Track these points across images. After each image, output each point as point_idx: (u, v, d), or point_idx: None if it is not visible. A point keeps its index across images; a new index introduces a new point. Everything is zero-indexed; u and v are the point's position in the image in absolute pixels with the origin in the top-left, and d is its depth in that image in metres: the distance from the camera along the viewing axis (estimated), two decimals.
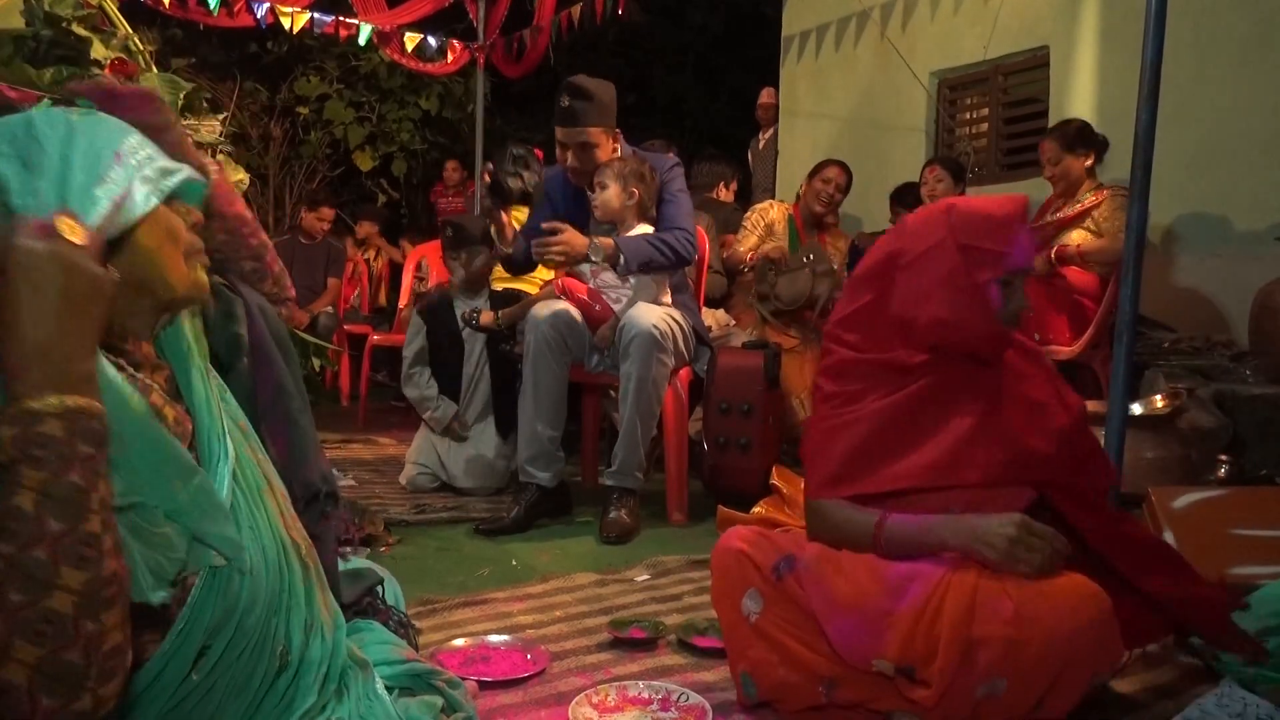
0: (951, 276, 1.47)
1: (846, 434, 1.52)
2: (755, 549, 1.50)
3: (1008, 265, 1.46)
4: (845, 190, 4.17)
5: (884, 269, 1.56)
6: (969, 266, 1.46)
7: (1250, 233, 3.88)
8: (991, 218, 1.49)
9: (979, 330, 1.48)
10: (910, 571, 1.38)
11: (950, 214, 1.51)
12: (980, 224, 1.48)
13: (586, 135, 2.86)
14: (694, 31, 10.24)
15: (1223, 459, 2.87)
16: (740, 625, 1.49)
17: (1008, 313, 1.49)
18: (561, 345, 2.82)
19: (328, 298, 5.27)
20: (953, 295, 1.47)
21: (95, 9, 2.34)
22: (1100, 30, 4.56)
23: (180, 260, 1.00)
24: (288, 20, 5.31)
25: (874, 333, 1.56)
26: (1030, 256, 1.50)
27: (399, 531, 2.69)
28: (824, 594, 1.41)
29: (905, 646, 1.33)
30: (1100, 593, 1.31)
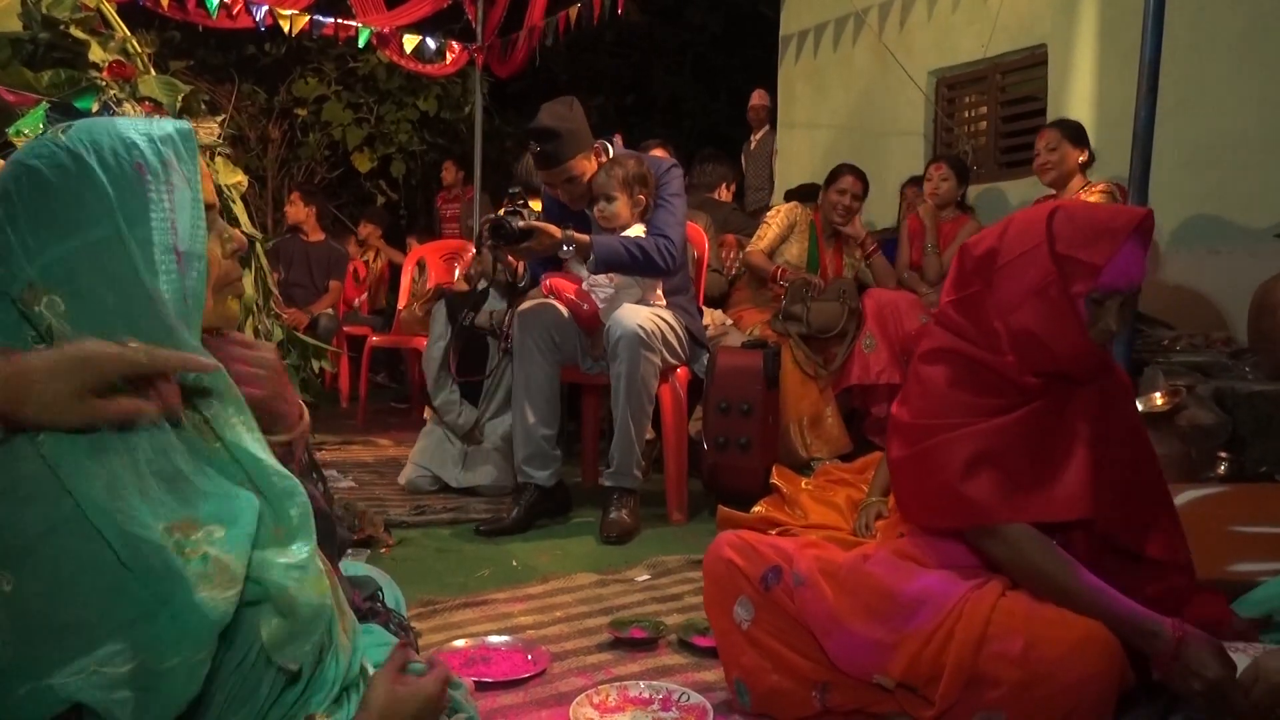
0: (1044, 286, 1.37)
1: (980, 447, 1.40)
2: (744, 558, 1.50)
3: (1102, 282, 1.35)
4: (862, 198, 4.12)
5: (985, 265, 1.46)
6: (1063, 277, 1.36)
7: (1249, 230, 3.88)
8: (1095, 227, 1.37)
9: (1068, 348, 1.37)
10: (922, 593, 1.37)
11: (1053, 218, 1.40)
12: (1081, 232, 1.37)
13: (569, 171, 2.83)
14: (692, 31, 10.24)
15: (1222, 456, 2.87)
16: (732, 633, 1.49)
17: (1099, 333, 1.39)
18: (550, 343, 2.82)
19: (328, 299, 5.27)
20: (1043, 307, 1.37)
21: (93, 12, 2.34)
22: (1098, 28, 4.57)
23: (208, 293, 0.96)
24: (286, 22, 5.31)
25: (980, 325, 1.46)
26: (1130, 278, 1.36)
27: (399, 533, 2.69)
28: (825, 611, 1.40)
29: (910, 667, 1.32)
30: (1113, 642, 1.26)
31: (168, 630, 0.82)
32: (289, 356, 2.57)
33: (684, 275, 3.02)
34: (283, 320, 2.60)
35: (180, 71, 6.45)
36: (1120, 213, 1.39)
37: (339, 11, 5.65)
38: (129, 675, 0.80)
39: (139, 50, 2.46)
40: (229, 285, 1.02)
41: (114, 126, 0.91)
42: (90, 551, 0.81)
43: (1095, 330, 1.38)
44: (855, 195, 4.05)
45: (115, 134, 0.90)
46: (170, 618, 0.82)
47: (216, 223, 1.00)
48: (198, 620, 0.84)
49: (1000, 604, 1.33)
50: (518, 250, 2.68)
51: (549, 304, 2.86)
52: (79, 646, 0.80)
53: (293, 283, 5.14)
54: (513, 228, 2.63)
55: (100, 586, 0.81)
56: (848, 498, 2.54)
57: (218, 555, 0.87)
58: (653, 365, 2.73)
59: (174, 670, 0.82)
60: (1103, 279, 1.35)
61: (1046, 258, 1.37)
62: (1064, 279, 1.36)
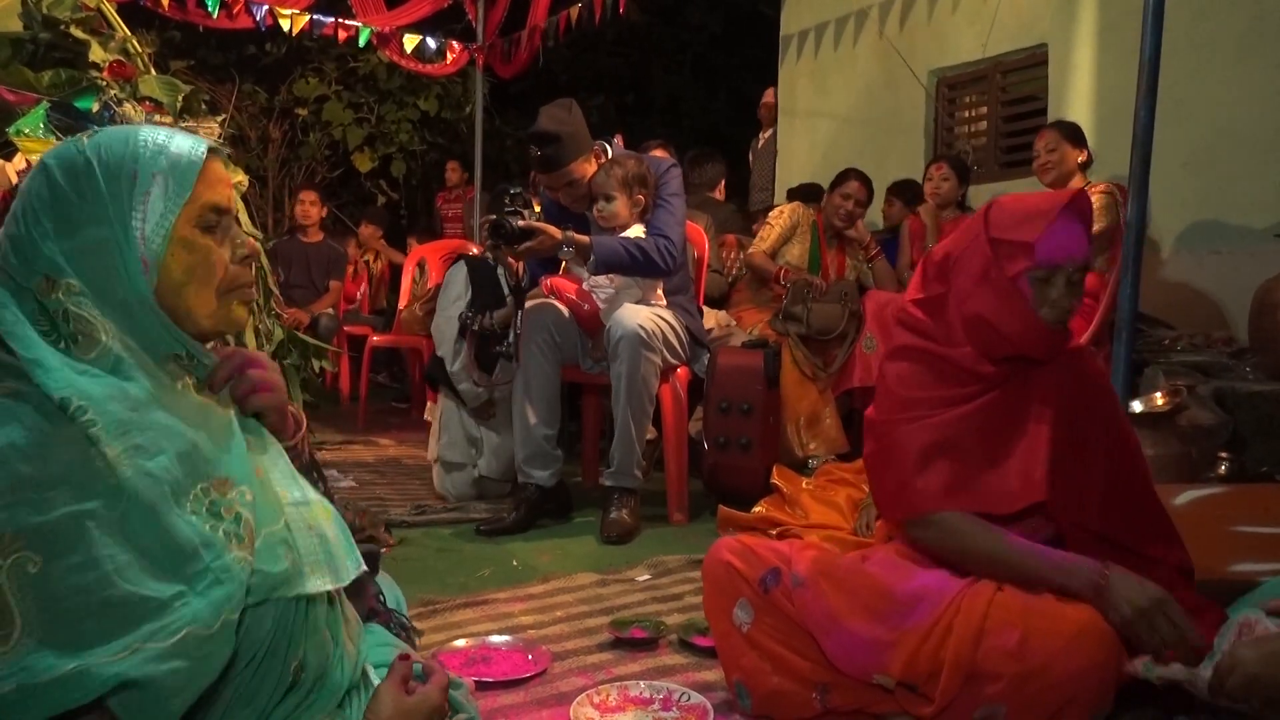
0: (985, 272, 1.44)
1: (935, 438, 1.46)
2: (742, 561, 1.50)
3: (1037, 258, 1.41)
4: (866, 204, 4.12)
5: (943, 268, 1.53)
6: (999, 260, 1.43)
7: (1249, 229, 3.88)
8: (1026, 210, 1.44)
9: (1015, 327, 1.43)
10: (919, 591, 1.37)
11: (990, 209, 1.48)
12: (1013, 216, 1.45)
13: (570, 174, 2.83)
14: (692, 31, 10.24)
15: (1223, 456, 2.87)
16: (732, 635, 1.49)
17: (1045, 311, 1.42)
18: (551, 343, 2.81)
19: (329, 299, 5.27)
20: (988, 291, 1.44)
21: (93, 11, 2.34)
22: (1098, 28, 4.56)
23: (209, 296, 0.99)
24: (287, 22, 5.31)
25: (941, 323, 1.52)
26: (1066, 251, 1.41)
27: (399, 533, 2.69)
28: (824, 611, 1.40)
29: (909, 665, 1.32)
30: (1109, 632, 1.28)
31: (207, 596, 0.86)
32: (289, 357, 2.57)
33: (684, 275, 3.02)
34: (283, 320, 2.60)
35: (181, 71, 6.45)
36: (1052, 195, 1.46)
37: (339, 11, 5.65)
38: (177, 646, 0.83)
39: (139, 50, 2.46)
40: (235, 290, 1.02)
41: (132, 134, 0.97)
42: (125, 529, 0.84)
43: (1045, 308, 1.42)
44: (859, 201, 4.05)
45: (127, 139, 0.96)
46: (207, 586, 0.87)
47: (231, 228, 1.02)
48: (231, 580, 0.88)
49: (996, 598, 1.34)
50: (518, 251, 2.68)
51: (550, 304, 2.86)
52: (118, 625, 0.81)
53: (293, 284, 5.13)
54: (513, 228, 2.63)
55: (131, 565, 0.83)
56: (848, 497, 2.54)
57: (248, 517, 0.93)
58: (653, 365, 2.73)
59: (217, 635, 0.86)
60: (1039, 255, 1.41)
61: (985, 245, 1.45)
62: (1001, 261, 1.43)
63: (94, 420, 0.85)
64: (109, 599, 0.81)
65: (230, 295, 1.02)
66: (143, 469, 0.86)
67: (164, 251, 0.95)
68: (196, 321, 0.99)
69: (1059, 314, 1.43)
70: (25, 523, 0.80)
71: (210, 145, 1.01)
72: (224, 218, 1.01)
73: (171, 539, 0.86)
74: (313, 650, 0.99)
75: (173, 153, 0.97)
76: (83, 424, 0.84)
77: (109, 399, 0.88)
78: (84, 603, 0.81)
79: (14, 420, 0.84)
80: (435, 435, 3.26)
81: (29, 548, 0.80)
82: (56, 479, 0.83)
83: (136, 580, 0.83)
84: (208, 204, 0.98)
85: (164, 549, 0.86)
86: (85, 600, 0.81)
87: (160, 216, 0.95)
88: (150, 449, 0.88)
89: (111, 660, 0.80)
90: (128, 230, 0.93)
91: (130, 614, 0.82)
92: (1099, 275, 3.45)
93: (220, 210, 1.00)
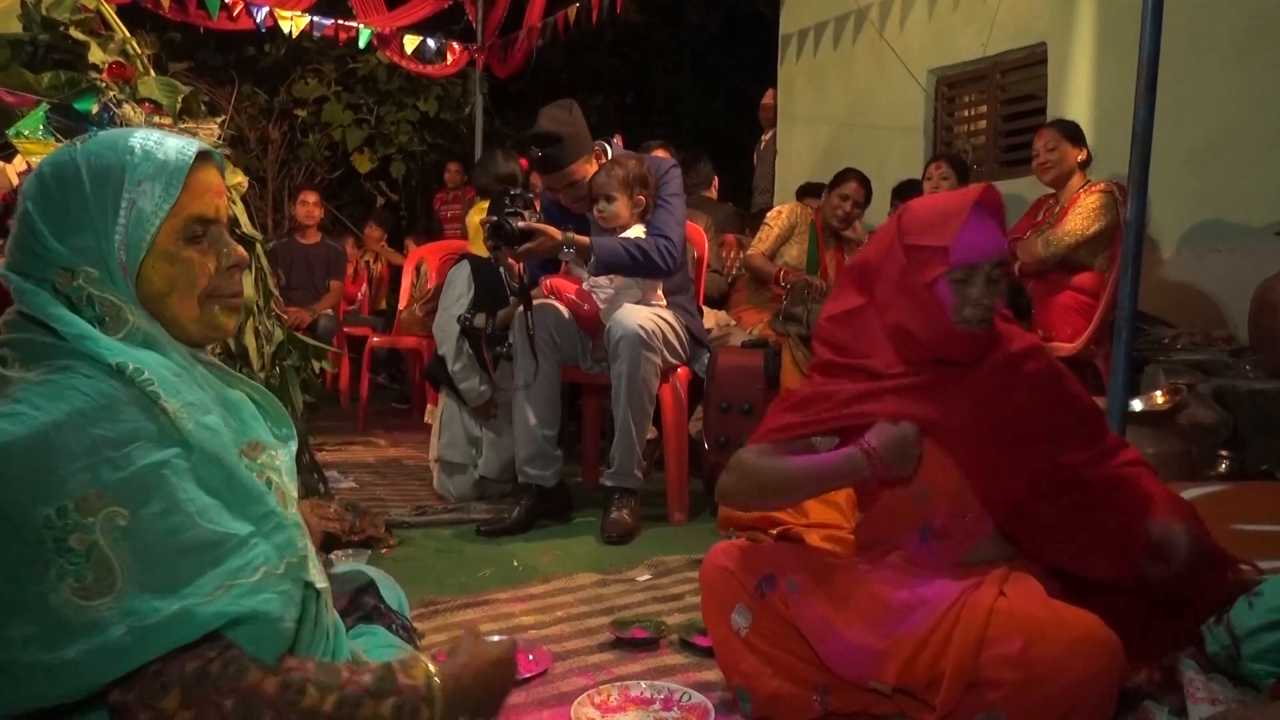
0: (901, 279, 1.44)
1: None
2: (739, 566, 1.50)
3: (952, 260, 1.39)
4: (864, 205, 4.12)
5: (859, 276, 1.53)
6: (913, 267, 1.43)
7: (1249, 228, 3.88)
8: (935, 213, 1.43)
9: (931, 334, 1.42)
10: (914, 600, 1.37)
11: (902, 215, 1.48)
12: (924, 222, 1.44)
13: (570, 175, 2.83)
14: (691, 31, 10.24)
15: (1223, 454, 2.87)
16: (731, 639, 1.49)
17: (967, 312, 1.41)
18: (551, 344, 2.81)
19: (329, 300, 5.27)
20: (906, 299, 1.44)
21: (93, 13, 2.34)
22: (1097, 27, 4.57)
23: (192, 304, 1.00)
24: (287, 23, 5.31)
25: (860, 337, 1.52)
26: (981, 250, 1.40)
27: (400, 533, 2.69)
28: (818, 617, 1.40)
29: (904, 673, 1.32)
30: (1112, 640, 1.27)
31: (271, 539, 0.94)
32: (290, 357, 2.57)
33: (684, 275, 3.02)
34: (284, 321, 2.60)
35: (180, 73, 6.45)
36: (962, 194, 1.44)
37: (339, 12, 5.65)
38: (260, 582, 0.90)
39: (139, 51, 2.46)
40: (218, 298, 1.03)
41: (122, 141, 0.98)
42: (197, 476, 0.92)
43: (967, 309, 1.41)
44: (857, 202, 4.05)
45: (115, 146, 0.98)
46: (271, 530, 0.95)
47: (220, 236, 1.03)
48: (290, 527, 0.97)
49: (998, 605, 1.33)
50: (518, 252, 2.68)
51: (550, 304, 2.86)
52: (208, 562, 0.88)
53: (293, 285, 5.14)
54: (512, 228, 2.63)
55: (210, 507, 0.91)
56: (848, 497, 2.53)
57: (279, 481, 1.02)
58: (653, 365, 2.73)
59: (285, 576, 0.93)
60: (954, 258, 1.40)
61: (900, 253, 1.45)
62: (917, 267, 1.42)
63: (150, 379, 0.91)
64: (194, 539, 0.88)
65: (214, 302, 1.03)
66: (202, 423, 0.93)
67: (144, 262, 0.96)
68: (182, 327, 1.00)
69: (981, 313, 1.42)
70: (108, 480, 0.86)
71: (203, 150, 1.02)
72: (211, 227, 1.02)
73: (239, 484, 0.94)
74: (305, 629, 1.01)
75: (158, 161, 0.97)
76: (141, 383, 0.90)
77: (158, 364, 0.94)
78: (174, 544, 0.87)
79: (75, 390, 0.88)
80: (436, 435, 3.26)
81: (116, 503, 0.85)
82: (129, 436, 0.88)
83: (216, 519, 0.90)
84: (192, 216, 0.99)
85: (234, 493, 0.93)
86: (174, 542, 0.87)
87: (140, 228, 0.96)
88: (202, 406, 0.95)
89: (209, 598, 0.87)
90: (110, 239, 0.95)
91: (216, 552, 0.89)
92: (1098, 274, 3.45)
93: (206, 221, 1.01)
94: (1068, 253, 3.37)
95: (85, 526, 0.84)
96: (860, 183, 4.05)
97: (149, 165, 0.97)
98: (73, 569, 0.83)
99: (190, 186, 0.99)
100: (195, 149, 1.00)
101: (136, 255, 0.96)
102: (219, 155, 1.06)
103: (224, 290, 1.03)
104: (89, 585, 0.83)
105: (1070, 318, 3.44)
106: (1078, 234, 3.34)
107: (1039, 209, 3.67)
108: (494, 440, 3.15)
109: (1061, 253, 3.37)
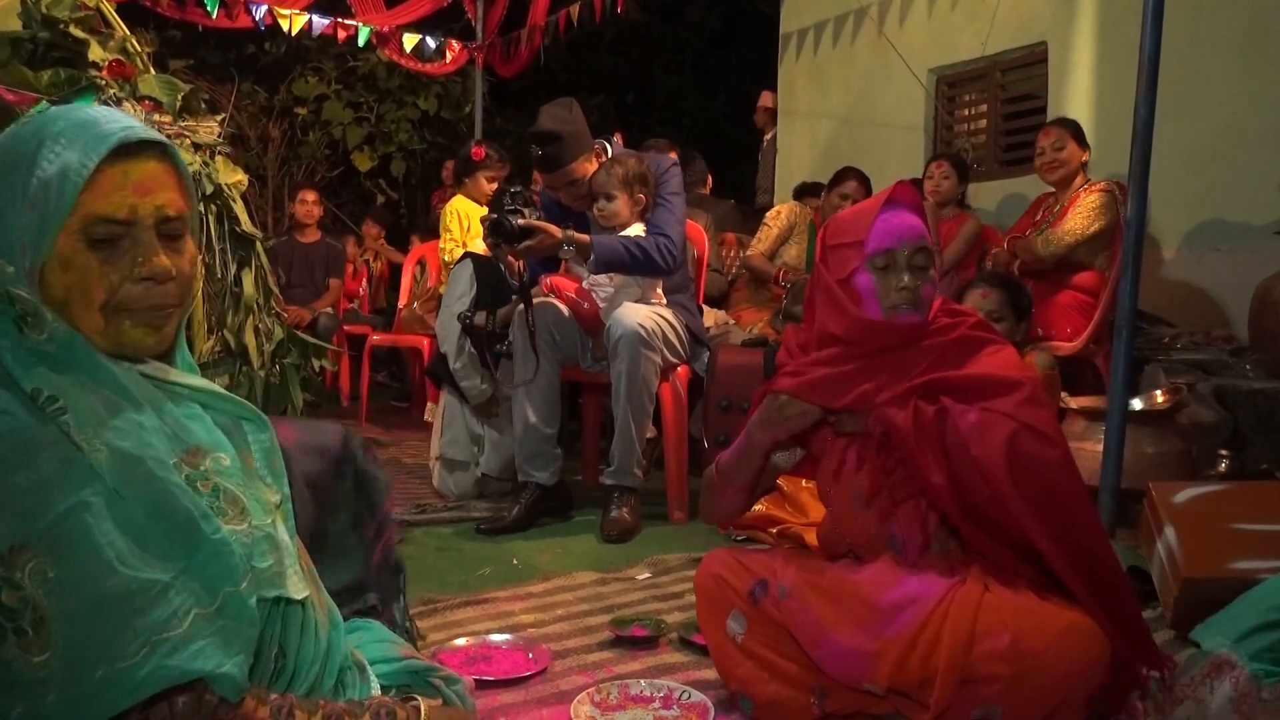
0: (821, 284, 1.51)
1: None
2: (731, 573, 1.52)
3: (868, 249, 1.44)
4: None
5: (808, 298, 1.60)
6: (830, 269, 1.49)
7: (1249, 227, 3.88)
8: (851, 215, 1.50)
9: (847, 327, 1.47)
10: (902, 599, 1.37)
11: (825, 227, 1.54)
12: (839, 224, 1.51)
13: (571, 174, 2.84)
14: (692, 29, 10.24)
15: (1223, 454, 2.87)
16: (727, 646, 1.50)
17: (893, 298, 1.44)
18: (551, 342, 2.81)
19: (329, 298, 5.27)
20: (825, 300, 1.50)
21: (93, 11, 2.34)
22: (1098, 26, 4.56)
23: (93, 316, 0.89)
24: (286, 22, 5.31)
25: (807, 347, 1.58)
26: (896, 234, 1.44)
27: (400, 531, 2.68)
28: (809, 621, 1.40)
29: (896, 673, 1.32)
30: (1100, 633, 1.28)
31: (203, 574, 0.85)
32: (289, 355, 2.57)
33: (684, 273, 3.02)
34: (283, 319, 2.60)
35: (180, 70, 6.45)
36: (874, 196, 1.51)
37: (339, 10, 5.64)
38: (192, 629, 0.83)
39: (139, 49, 2.46)
40: (128, 312, 0.91)
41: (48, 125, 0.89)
42: (117, 517, 0.83)
43: (893, 295, 1.44)
44: (857, 201, 4.04)
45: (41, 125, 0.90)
46: (201, 563, 0.86)
47: (139, 243, 0.91)
48: (227, 553, 0.87)
49: (985, 600, 1.33)
50: (518, 250, 2.68)
51: (550, 303, 2.86)
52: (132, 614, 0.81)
53: (293, 284, 5.14)
54: (512, 226, 2.63)
55: (129, 551, 0.82)
56: None
57: (227, 487, 0.91)
58: (653, 364, 2.73)
59: (224, 610, 0.86)
60: (869, 247, 1.45)
61: (820, 259, 1.52)
62: (835, 267, 1.49)
63: (62, 408, 0.84)
64: (115, 589, 0.81)
65: (123, 316, 0.91)
66: (119, 451, 0.85)
67: (45, 265, 0.87)
68: (93, 339, 0.90)
69: (906, 298, 1.44)
70: (29, 531, 0.79)
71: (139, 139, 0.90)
72: (130, 230, 0.90)
73: (165, 513, 0.85)
74: (293, 634, 0.99)
75: (66, 151, 0.87)
76: (53, 413, 0.83)
77: (74, 385, 0.86)
78: (95, 596, 0.80)
79: None
80: (437, 433, 3.26)
81: (41, 554, 0.79)
82: (47, 480, 0.81)
83: (136, 564, 0.82)
84: (94, 216, 0.88)
85: (159, 525, 0.84)
86: (96, 593, 0.80)
87: (41, 226, 0.86)
88: (122, 429, 0.86)
89: (135, 660, 0.80)
90: (14, 235, 0.87)
91: (138, 602, 0.81)
92: (1098, 273, 3.45)
93: (114, 222, 0.89)
94: (1067, 252, 3.37)
95: (14, 582, 0.78)
96: (860, 182, 4.05)
97: (54, 153, 0.86)
98: (11, 625, 0.78)
99: (98, 183, 0.87)
100: (117, 137, 0.88)
101: (36, 257, 0.86)
102: (172, 146, 0.94)
103: (135, 304, 0.90)
104: (32, 641, 0.78)
105: (1070, 317, 3.44)
106: (1078, 233, 3.34)
107: (1038, 207, 3.67)
108: (496, 439, 3.15)
109: (1061, 252, 3.36)
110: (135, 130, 0.90)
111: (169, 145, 0.93)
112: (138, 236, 0.90)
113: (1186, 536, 1.85)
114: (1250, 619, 1.58)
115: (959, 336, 1.48)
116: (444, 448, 3.20)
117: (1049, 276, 3.46)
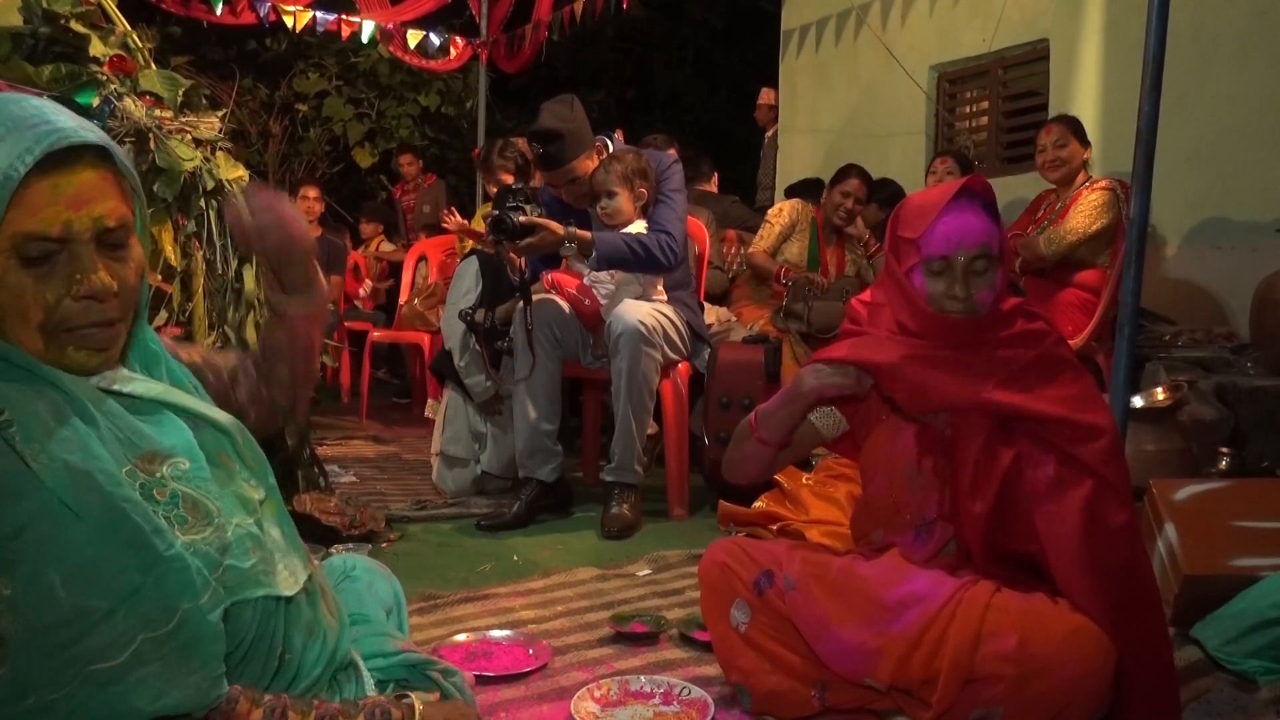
0: (889, 271, 1.51)
1: None
2: (737, 563, 1.51)
3: (923, 253, 1.42)
4: (866, 201, 4.12)
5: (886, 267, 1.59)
6: (894, 258, 1.48)
7: (1252, 225, 3.87)
8: (919, 205, 1.47)
9: (909, 320, 1.46)
10: (908, 596, 1.36)
11: (898, 208, 1.52)
12: (905, 215, 1.48)
13: (572, 172, 2.83)
14: (693, 26, 10.22)
15: (1224, 451, 2.87)
16: (730, 636, 1.50)
17: (948, 303, 1.42)
18: (552, 339, 2.81)
19: (329, 294, 5.26)
20: (895, 290, 1.50)
21: (94, 6, 2.33)
22: (1101, 23, 4.55)
23: (32, 336, 0.84)
24: (290, 18, 5.30)
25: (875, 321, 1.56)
26: (953, 242, 1.40)
27: (400, 528, 2.69)
28: (814, 614, 1.40)
29: (898, 671, 1.32)
30: (1106, 641, 1.27)
31: (160, 590, 0.81)
32: None
33: (685, 270, 3.02)
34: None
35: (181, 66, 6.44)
36: (945, 187, 1.46)
37: (342, 7, 5.64)
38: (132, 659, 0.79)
39: (140, 45, 2.45)
40: (69, 331, 0.86)
41: None
42: (63, 537, 0.79)
43: (945, 300, 1.43)
44: (859, 199, 4.04)
45: None
46: (155, 581, 0.81)
47: (76, 259, 0.85)
48: (182, 569, 0.82)
49: (994, 601, 1.33)
50: (519, 246, 2.68)
51: (550, 299, 2.86)
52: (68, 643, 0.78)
53: None
54: (514, 223, 2.63)
55: (77, 572, 0.78)
56: (849, 493, 2.54)
57: (186, 492, 0.87)
58: (654, 361, 2.73)
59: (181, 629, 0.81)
60: (924, 250, 1.43)
61: (889, 245, 1.51)
62: (898, 258, 1.47)
63: (10, 420, 0.80)
64: (60, 615, 0.77)
65: (64, 336, 0.86)
66: (67, 465, 0.80)
67: None
68: (36, 358, 0.85)
69: (956, 305, 1.42)
70: None
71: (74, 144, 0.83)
72: (66, 245, 0.84)
73: (116, 528, 0.80)
74: (297, 635, 0.98)
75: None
76: (0, 425, 0.79)
77: (22, 394, 0.82)
78: (40, 621, 0.77)
79: None
80: (439, 429, 3.26)
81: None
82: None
83: (79, 589, 0.78)
84: (24, 234, 0.81)
85: (110, 542, 0.80)
86: (40, 619, 0.77)
87: None
88: (71, 440, 0.81)
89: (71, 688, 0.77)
90: None
91: (74, 629, 0.78)
92: (1100, 271, 3.45)
93: (46, 239, 0.82)
94: (1069, 251, 3.37)
95: None
96: (862, 179, 4.04)
97: None
98: None
99: (27, 197, 0.80)
100: (43, 146, 0.80)
101: None
102: (110, 145, 0.86)
103: (76, 323, 0.85)
104: None
105: (1072, 314, 3.44)
106: (1079, 232, 3.33)
107: (1039, 205, 3.67)
108: (498, 436, 3.15)
109: (1063, 251, 3.36)
110: (65, 134, 0.82)
111: (107, 145, 0.86)
112: (75, 252, 0.84)
113: (1187, 534, 1.85)
114: (1250, 616, 1.59)
115: (1038, 357, 1.44)
116: (445, 444, 3.20)
117: (1051, 274, 3.46)
